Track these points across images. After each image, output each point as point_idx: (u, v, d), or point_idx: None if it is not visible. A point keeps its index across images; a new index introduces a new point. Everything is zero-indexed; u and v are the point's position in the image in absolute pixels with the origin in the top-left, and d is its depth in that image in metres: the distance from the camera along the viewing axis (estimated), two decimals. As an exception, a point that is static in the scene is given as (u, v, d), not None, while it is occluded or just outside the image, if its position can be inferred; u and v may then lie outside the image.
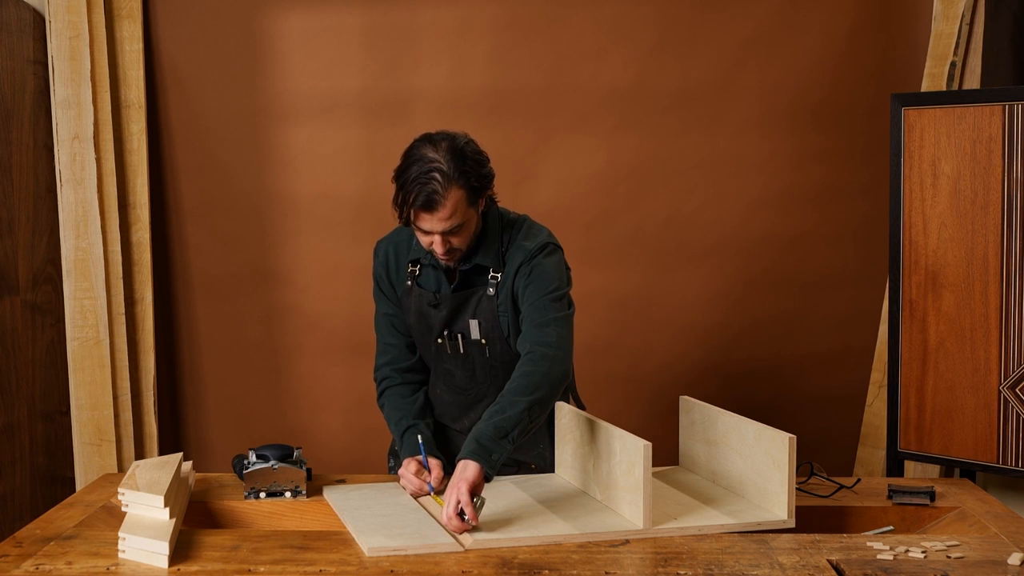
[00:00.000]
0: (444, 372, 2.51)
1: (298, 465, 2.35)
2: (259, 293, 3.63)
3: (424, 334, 2.50)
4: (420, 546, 1.98)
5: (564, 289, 2.42)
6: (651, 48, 3.56)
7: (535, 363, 2.28)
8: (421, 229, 2.32)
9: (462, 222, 2.32)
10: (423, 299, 2.47)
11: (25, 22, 3.27)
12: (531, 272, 2.41)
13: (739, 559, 1.94)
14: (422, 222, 2.30)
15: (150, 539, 1.92)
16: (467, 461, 2.14)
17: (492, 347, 2.46)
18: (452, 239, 2.33)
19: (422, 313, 2.48)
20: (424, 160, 2.28)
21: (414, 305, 2.49)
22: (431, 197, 2.25)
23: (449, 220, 2.29)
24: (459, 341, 2.46)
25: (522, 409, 2.20)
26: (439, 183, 2.25)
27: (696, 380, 3.65)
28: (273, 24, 3.53)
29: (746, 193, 3.62)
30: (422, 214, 2.28)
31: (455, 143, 2.31)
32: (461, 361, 2.48)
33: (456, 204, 2.28)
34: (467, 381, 2.50)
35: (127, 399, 3.43)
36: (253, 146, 3.58)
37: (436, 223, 2.29)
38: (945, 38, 3.32)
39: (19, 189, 3.24)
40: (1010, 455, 2.75)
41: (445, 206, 2.27)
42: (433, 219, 2.29)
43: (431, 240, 2.33)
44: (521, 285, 2.41)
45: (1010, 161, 2.71)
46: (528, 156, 3.56)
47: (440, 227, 2.30)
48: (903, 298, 2.89)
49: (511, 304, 2.43)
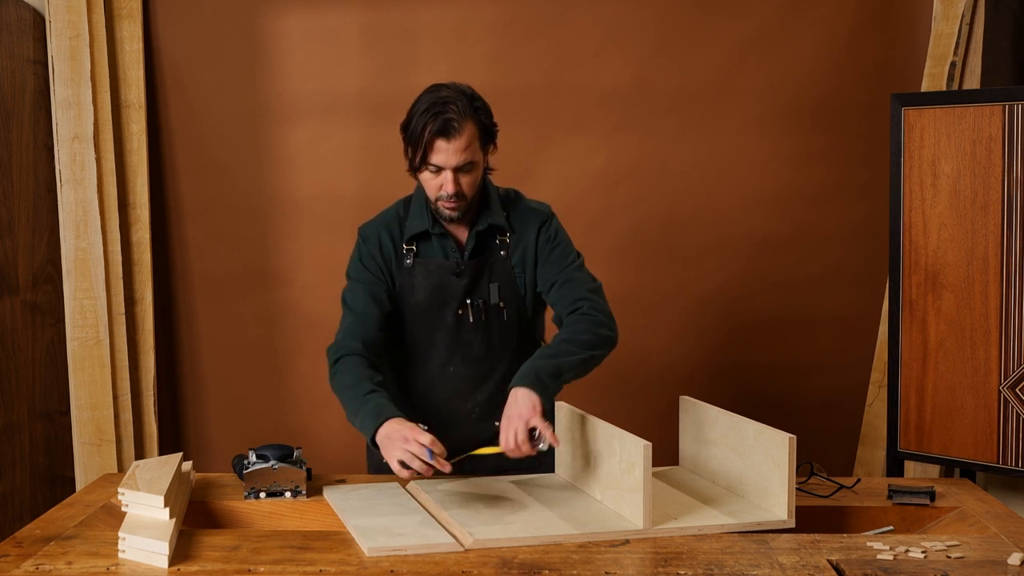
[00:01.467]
0: (463, 344, 2.48)
1: (298, 465, 2.35)
2: (259, 293, 3.63)
3: (441, 308, 2.45)
4: (420, 546, 1.98)
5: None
6: (651, 48, 3.56)
7: (596, 325, 2.39)
8: (433, 165, 2.31)
9: (474, 160, 2.34)
10: (443, 270, 2.44)
11: (25, 22, 3.27)
12: (556, 235, 2.50)
13: (739, 559, 1.94)
14: (437, 154, 2.30)
15: (150, 539, 1.92)
16: (527, 390, 2.22)
17: (510, 309, 2.48)
18: (463, 179, 2.33)
19: (440, 286, 2.44)
20: (437, 95, 2.32)
21: (425, 281, 2.45)
22: (448, 123, 2.27)
23: (464, 152, 2.30)
24: (481, 307, 2.46)
25: (580, 359, 2.32)
26: (455, 112, 2.29)
27: (696, 380, 3.65)
28: (273, 24, 3.53)
29: (746, 193, 3.62)
30: (438, 142, 2.28)
31: (462, 87, 2.37)
32: (482, 328, 2.48)
33: (471, 138, 2.31)
34: (485, 350, 2.49)
35: (127, 399, 3.43)
36: (253, 146, 3.58)
37: (451, 155, 2.29)
38: (945, 38, 3.32)
39: (19, 189, 3.24)
40: (1010, 455, 2.75)
41: (462, 135, 2.29)
42: (449, 149, 2.29)
43: (440, 182, 2.33)
44: (547, 247, 2.48)
45: (1010, 161, 2.71)
46: (528, 156, 3.56)
47: (455, 160, 2.30)
48: (903, 298, 2.89)
49: (532, 264, 2.47)
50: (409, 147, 2.35)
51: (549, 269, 2.48)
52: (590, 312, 2.42)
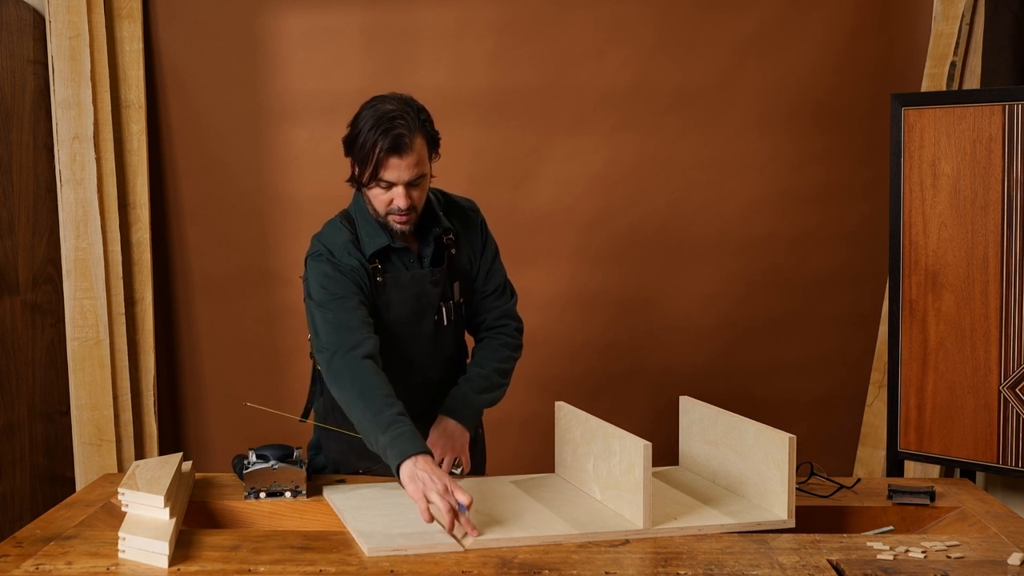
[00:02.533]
0: (440, 347, 2.50)
1: (298, 465, 2.35)
2: (259, 293, 3.63)
3: (420, 317, 2.45)
4: (420, 546, 1.98)
5: None
6: (651, 48, 3.56)
7: (515, 350, 2.57)
8: (384, 181, 2.27)
9: (424, 173, 2.32)
10: (418, 281, 2.42)
11: (25, 22, 3.27)
12: (489, 236, 2.57)
13: (739, 559, 1.94)
14: (389, 170, 2.26)
15: (150, 539, 1.92)
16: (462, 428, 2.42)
17: (466, 303, 2.54)
18: (414, 193, 2.30)
19: (419, 296, 2.43)
20: (380, 110, 2.26)
21: (402, 295, 2.41)
22: (400, 139, 2.23)
23: (416, 167, 2.28)
24: (451, 308, 2.49)
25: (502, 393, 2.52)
26: (405, 127, 2.24)
27: (696, 380, 3.65)
28: (273, 24, 3.53)
29: (746, 193, 3.62)
30: (390, 159, 2.24)
31: (405, 97, 2.33)
32: (452, 328, 2.51)
33: (420, 152, 2.29)
34: (454, 347, 2.54)
35: (127, 399, 3.43)
36: (253, 146, 3.58)
37: (404, 170, 2.26)
38: (945, 38, 3.32)
39: (19, 189, 3.24)
40: (1010, 455, 2.75)
41: (413, 150, 2.26)
42: (401, 165, 2.25)
43: (391, 197, 2.29)
44: (489, 245, 2.55)
45: (1010, 161, 2.71)
46: (528, 156, 3.57)
47: (407, 175, 2.27)
48: (903, 298, 2.89)
49: (477, 261, 2.53)
50: (357, 164, 2.30)
51: (490, 276, 2.56)
52: (513, 336, 2.57)
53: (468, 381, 2.49)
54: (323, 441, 2.60)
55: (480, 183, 3.41)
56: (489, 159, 3.56)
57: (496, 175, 3.57)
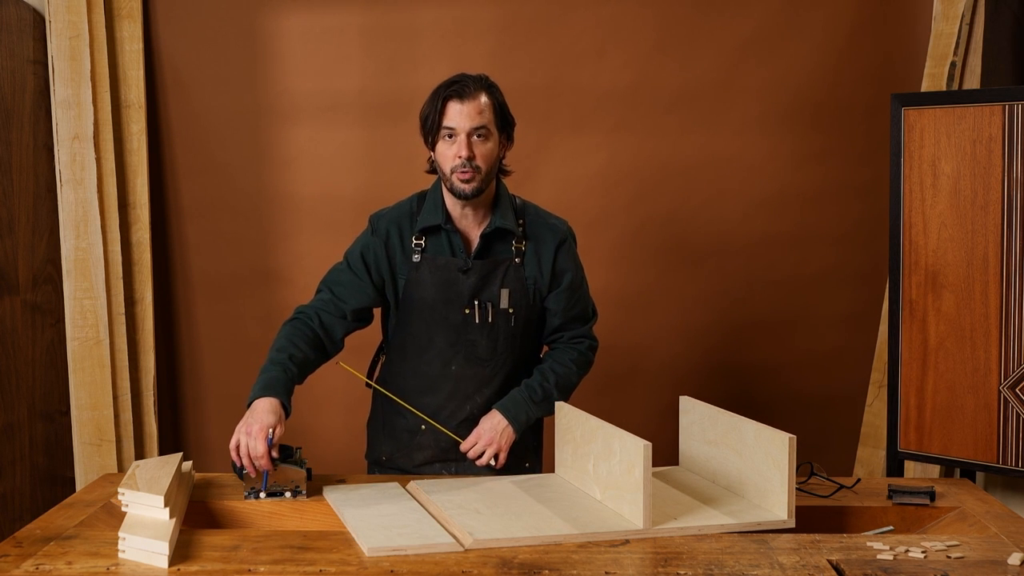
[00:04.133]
0: (467, 344, 2.50)
1: (298, 465, 2.35)
2: (259, 293, 3.63)
3: (447, 304, 2.47)
4: (420, 546, 1.98)
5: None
6: (651, 48, 3.56)
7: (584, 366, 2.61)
8: (447, 128, 2.36)
9: (488, 128, 2.38)
10: (450, 266, 2.45)
11: (25, 22, 3.27)
12: (574, 258, 2.57)
13: (739, 559, 1.94)
14: (450, 116, 2.36)
15: (150, 539, 1.92)
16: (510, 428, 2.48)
17: (518, 316, 2.50)
18: (477, 147, 2.37)
19: (447, 282, 2.45)
20: (456, 75, 2.42)
21: (433, 276, 2.46)
22: (463, 87, 2.35)
23: (479, 116, 2.36)
24: (488, 310, 2.47)
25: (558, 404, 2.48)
26: (471, 81, 2.38)
27: (696, 380, 3.66)
28: (273, 24, 3.53)
29: (746, 193, 3.62)
30: (451, 103, 2.35)
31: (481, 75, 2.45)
32: (488, 331, 2.49)
33: (484, 106, 2.38)
34: (489, 352, 2.51)
35: (127, 399, 3.43)
36: (253, 146, 3.58)
37: (465, 117, 2.35)
38: (945, 38, 3.32)
39: (19, 189, 3.24)
40: (1010, 455, 2.75)
41: (476, 98, 2.36)
42: (463, 111, 2.35)
43: (455, 149, 2.36)
44: (566, 265, 2.53)
45: (1010, 161, 2.71)
46: (528, 156, 3.56)
47: (468, 122, 2.35)
48: (903, 298, 2.89)
49: (547, 279, 2.51)
50: (425, 121, 2.40)
51: (573, 296, 2.56)
52: (585, 354, 2.61)
53: (530, 388, 2.53)
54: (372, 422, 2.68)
55: (480, 183, 3.41)
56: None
57: (496, 175, 3.56)
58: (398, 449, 2.58)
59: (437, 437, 2.53)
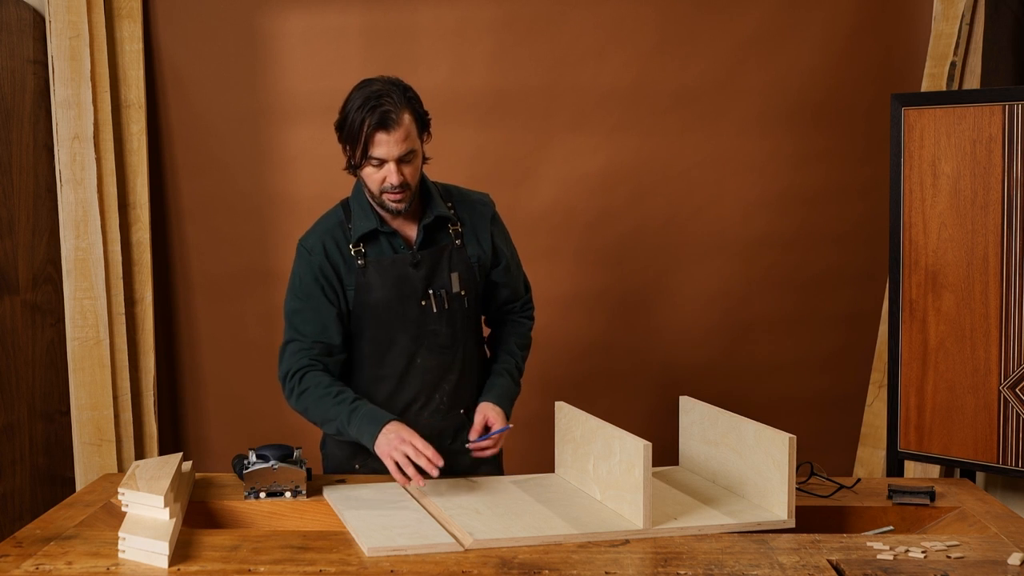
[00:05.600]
0: (429, 334, 2.49)
1: (298, 465, 2.35)
2: (259, 293, 3.63)
3: (403, 302, 2.46)
4: (420, 546, 1.98)
5: None
6: (651, 48, 3.56)
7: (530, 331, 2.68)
8: (375, 159, 2.34)
9: (414, 148, 2.37)
10: (399, 264, 2.45)
11: (25, 22, 3.27)
12: (504, 229, 2.62)
13: (739, 559, 1.94)
14: (377, 147, 2.32)
15: (150, 539, 1.92)
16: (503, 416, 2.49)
17: (470, 298, 2.53)
18: (405, 169, 2.35)
19: (400, 278, 2.45)
20: (369, 89, 2.35)
21: (382, 278, 2.44)
22: (386, 115, 2.30)
23: (404, 143, 2.33)
24: (444, 297, 2.48)
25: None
26: (392, 103, 2.32)
27: (696, 380, 3.65)
28: (273, 24, 3.53)
29: (746, 193, 3.62)
30: (378, 135, 2.31)
31: (392, 79, 2.40)
32: (446, 318, 2.50)
33: (408, 127, 2.35)
34: (450, 338, 2.51)
35: (127, 399, 3.43)
36: (253, 146, 3.58)
37: (392, 146, 2.32)
38: (945, 38, 3.32)
39: (19, 189, 3.24)
40: (1010, 455, 2.75)
41: (401, 125, 2.32)
42: (390, 140, 2.32)
43: (384, 174, 2.35)
44: (501, 239, 2.58)
45: (1010, 161, 2.71)
46: (528, 156, 3.57)
47: (396, 151, 2.33)
48: (903, 298, 2.89)
49: (489, 254, 2.54)
50: (348, 144, 2.37)
51: (509, 268, 2.60)
52: (531, 319, 2.70)
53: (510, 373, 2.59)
54: (325, 438, 2.61)
55: (480, 183, 3.39)
56: (489, 159, 3.56)
57: (496, 175, 3.56)
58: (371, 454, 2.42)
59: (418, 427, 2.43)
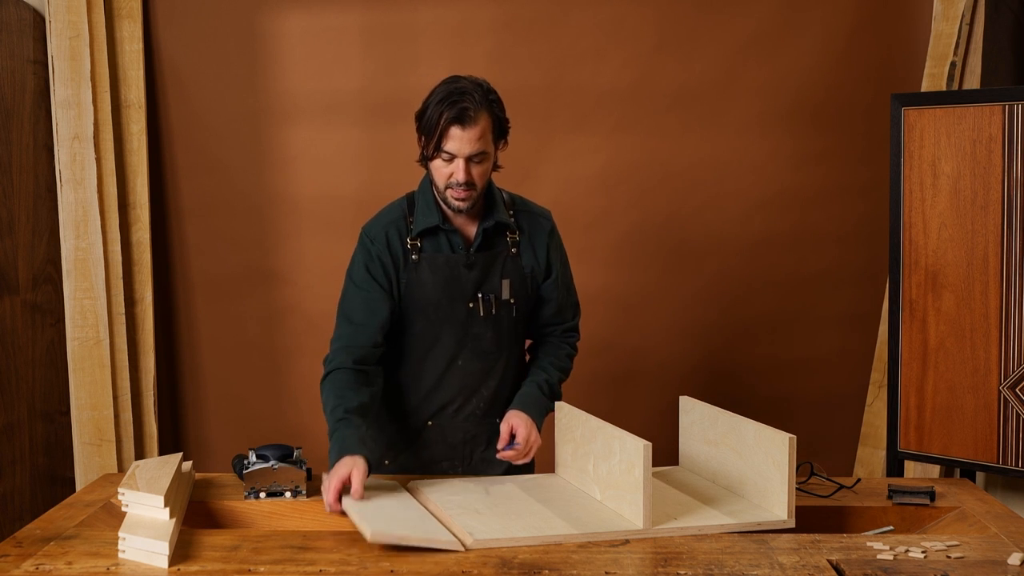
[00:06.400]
0: (473, 337, 2.49)
1: (298, 465, 2.35)
2: (259, 293, 3.63)
3: (451, 301, 2.46)
4: (422, 538, 1.98)
5: None
6: (651, 48, 3.56)
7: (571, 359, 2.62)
8: (446, 153, 2.34)
9: (486, 151, 2.37)
10: (452, 262, 2.45)
11: (25, 22, 3.27)
12: (561, 246, 2.60)
13: (739, 559, 1.94)
14: (451, 141, 2.32)
15: (150, 539, 1.92)
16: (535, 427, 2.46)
17: (519, 306, 2.52)
18: (474, 169, 2.35)
19: (450, 278, 2.45)
20: (454, 85, 2.35)
21: (434, 275, 2.45)
22: (464, 112, 2.30)
23: (479, 141, 2.33)
24: (492, 302, 2.48)
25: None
26: (471, 102, 2.32)
27: (696, 380, 3.65)
28: (273, 24, 3.53)
29: (746, 193, 3.62)
30: (453, 129, 2.31)
31: (478, 80, 2.40)
32: (492, 323, 2.49)
33: (485, 128, 2.35)
34: (494, 344, 2.51)
35: (127, 399, 3.43)
36: (253, 146, 3.58)
37: (466, 143, 2.32)
38: (945, 38, 3.32)
39: (19, 189, 3.24)
40: (1010, 455, 2.75)
41: (477, 124, 2.32)
42: (464, 137, 2.32)
43: (452, 170, 2.35)
44: (556, 255, 2.57)
45: (1010, 161, 2.71)
46: (528, 156, 3.56)
47: (469, 148, 2.33)
48: (903, 298, 2.89)
49: (543, 267, 2.54)
50: (423, 135, 2.38)
51: (558, 287, 2.58)
52: (575, 350, 2.64)
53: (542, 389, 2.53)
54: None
55: (480, 183, 3.42)
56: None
57: (496, 175, 3.56)
58: (402, 451, 2.57)
59: (444, 433, 2.53)
